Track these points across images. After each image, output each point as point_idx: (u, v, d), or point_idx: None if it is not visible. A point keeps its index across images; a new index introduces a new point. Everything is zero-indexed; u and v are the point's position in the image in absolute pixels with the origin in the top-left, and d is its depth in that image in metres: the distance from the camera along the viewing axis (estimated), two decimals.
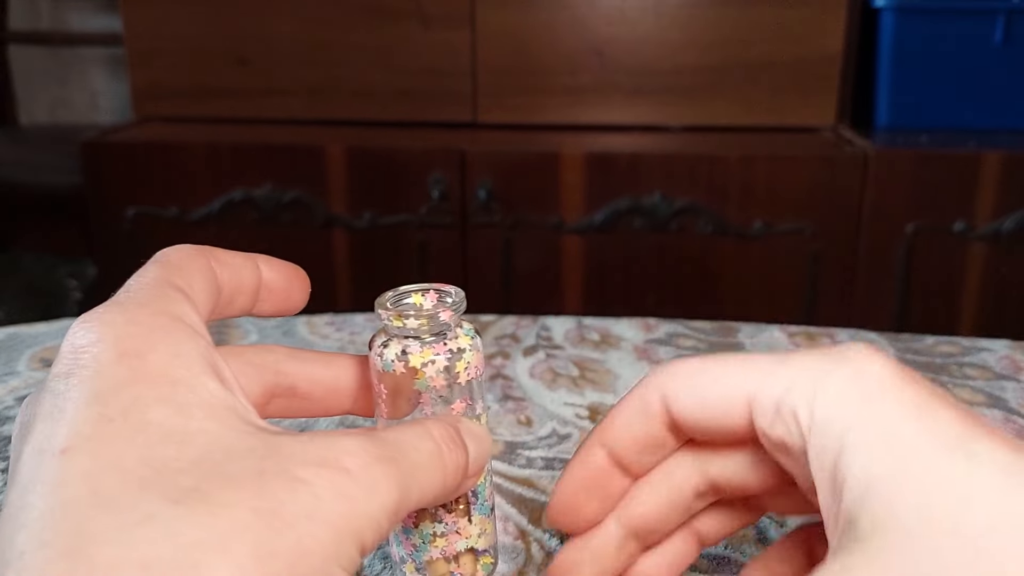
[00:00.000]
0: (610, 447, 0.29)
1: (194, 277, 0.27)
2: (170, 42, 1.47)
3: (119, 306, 0.24)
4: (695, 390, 0.26)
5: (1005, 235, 1.30)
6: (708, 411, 0.26)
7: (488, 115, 1.47)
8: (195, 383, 0.22)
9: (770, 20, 1.40)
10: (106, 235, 1.39)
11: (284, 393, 0.30)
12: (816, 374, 0.24)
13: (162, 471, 0.20)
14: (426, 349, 0.29)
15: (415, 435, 0.25)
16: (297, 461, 0.21)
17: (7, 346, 0.59)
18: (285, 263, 0.31)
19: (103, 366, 0.22)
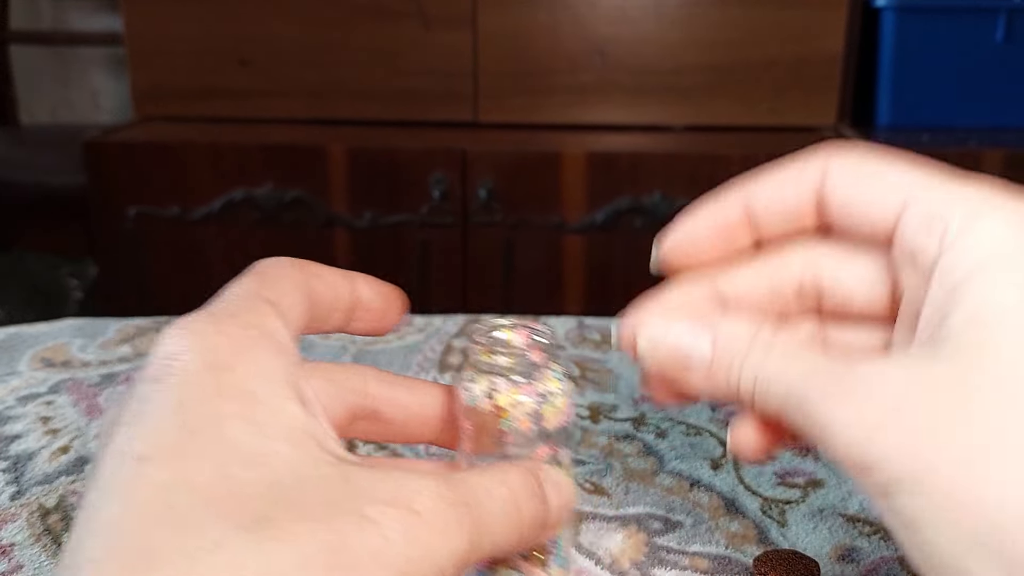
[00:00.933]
0: (751, 202, 0.28)
1: (288, 291, 0.26)
2: (171, 42, 1.47)
3: (211, 316, 0.24)
4: (858, 172, 0.26)
5: None
6: (862, 196, 0.26)
7: (489, 115, 1.47)
8: (276, 403, 0.22)
9: (771, 20, 1.40)
10: (107, 235, 1.39)
11: (367, 416, 0.29)
12: (983, 200, 0.23)
13: (235, 493, 0.20)
14: (514, 389, 0.28)
15: (492, 482, 0.24)
16: (368, 498, 0.21)
17: (8, 346, 0.59)
18: (383, 284, 0.30)
19: (189, 375, 0.22)
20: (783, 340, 0.25)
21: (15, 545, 0.39)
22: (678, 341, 0.27)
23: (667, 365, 0.27)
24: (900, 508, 0.21)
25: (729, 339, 0.26)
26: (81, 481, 0.44)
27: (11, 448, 0.47)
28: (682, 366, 0.27)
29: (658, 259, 0.30)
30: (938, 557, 0.21)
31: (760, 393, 0.25)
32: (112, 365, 0.57)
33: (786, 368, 0.24)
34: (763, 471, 0.45)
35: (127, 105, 1.92)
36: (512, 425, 0.28)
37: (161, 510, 0.19)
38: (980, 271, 0.22)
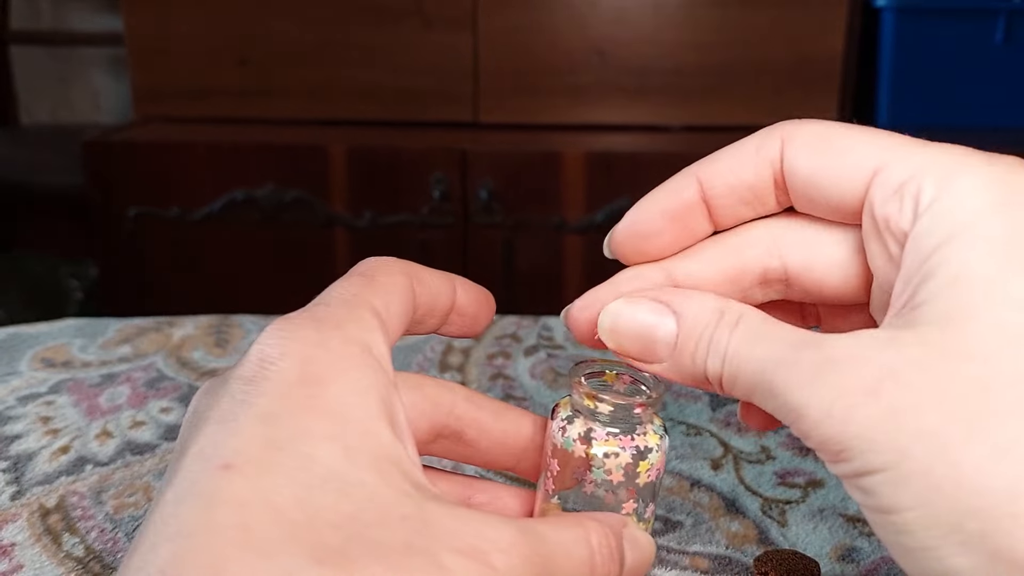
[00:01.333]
0: (706, 183, 0.26)
1: (393, 299, 0.26)
2: (171, 42, 1.47)
3: (315, 322, 0.23)
4: (819, 145, 0.24)
5: None
6: (826, 170, 0.24)
7: (489, 115, 1.47)
8: (367, 426, 0.22)
9: (771, 20, 1.40)
10: (107, 235, 1.39)
11: (451, 436, 0.28)
12: (957, 163, 0.22)
13: (314, 520, 0.19)
14: (612, 440, 0.27)
15: (571, 539, 0.24)
16: (446, 545, 0.21)
17: (9, 346, 0.59)
18: (478, 288, 0.30)
19: (284, 386, 0.21)
20: (750, 316, 0.24)
21: (15, 545, 0.39)
22: (642, 318, 0.25)
23: (630, 344, 0.26)
24: (875, 493, 0.21)
25: (696, 315, 0.24)
26: (81, 481, 0.44)
27: (11, 448, 0.47)
28: (646, 345, 0.25)
29: (610, 248, 0.28)
30: (914, 544, 0.20)
31: (728, 376, 0.24)
32: (112, 365, 0.57)
33: (753, 348, 0.23)
34: (763, 471, 0.45)
35: (127, 105, 1.93)
36: (603, 476, 0.27)
37: (237, 529, 0.19)
38: (956, 237, 0.21)
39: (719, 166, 0.26)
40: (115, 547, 0.40)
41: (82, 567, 0.38)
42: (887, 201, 0.23)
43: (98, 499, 0.43)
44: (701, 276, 0.26)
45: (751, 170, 0.25)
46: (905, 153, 0.23)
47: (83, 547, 0.39)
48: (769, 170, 0.25)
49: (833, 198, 0.24)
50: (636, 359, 0.26)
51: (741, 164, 0.25)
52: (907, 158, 0.23)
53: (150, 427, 0.50)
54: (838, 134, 0.25)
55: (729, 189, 0.26)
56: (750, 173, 0.25)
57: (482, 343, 0.61)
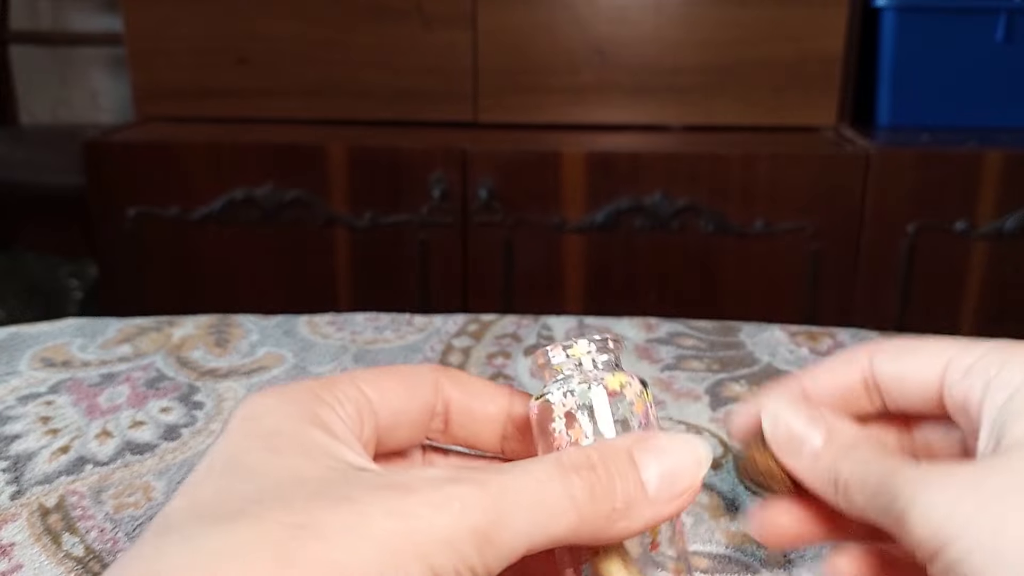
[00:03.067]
0: (808, 388, 0.32)
1: (384, 388, 0.28)
2: (171, 42, 1.47)
3: (272, 388, 0.27)
4: (900, 352, 0.31)
5: (1007, 234, 1.30)
6: (907, 368, 0.30)
7: (489, 115, 1.47)
8: (296, 431, 0.24)
9: (771, 19, 1.40)
10: (107, 235, 1.39)
11: (437, 415, 0.30)
12: (1012, 349, 0.28)
13: (226, 500, 0.22)
14: (619, 373, 0.28)
15: (526, 463, 0.24)
16: (361, 487, 0.22)
17: (8, 346, 0.59)
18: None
19: (228, 432, 0.25)
20: (881, 443, 0.30)
21: (15, 545, 0.39)
22: (796, 427, 0.29)
23: (781, 445, 0.30)
24: (963, 572, 0.23)
25: (839, 434, 0.29)
26: (81, 481, 0.44)
27: (11, 448, 0.47)
28: (793, 449, 0.29)
29: (730, 432, 0.34)
30: None
31: (856, 483, 0.27)
32: (112, 365, 0.57)
33: (883, 463, 0.27)
34: None
35: (127, 105, 1.93)
36: (629, 410, 0.27)
37: (159, 529, 0.22)
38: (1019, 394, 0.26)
39: (819, 375, 0.32)
40: (114, 547, 0.40)
41: (82, 567, 0.38)
42: (961, 381, 0.28)
43: (98, 499, 0.43)
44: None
45: (842, 379, 0.32)
46: (968, 347, 0.29)
47: (83, 547, 0.40)
48: (859, 377, 0.31)
49: (917, 391, 0.30)
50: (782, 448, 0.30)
51: (837, 374, 0.32)
52: (970, 349, 0.29)
53: (150, 427, 0.50)
54: (914, 343, 0.31)
55: (826, 394, 0.32)
56: (843, 381, 0.32)
57: (482, 342, 0.61)
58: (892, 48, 1.42)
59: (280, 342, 0.61)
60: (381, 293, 1.39)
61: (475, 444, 0.31)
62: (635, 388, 0.28)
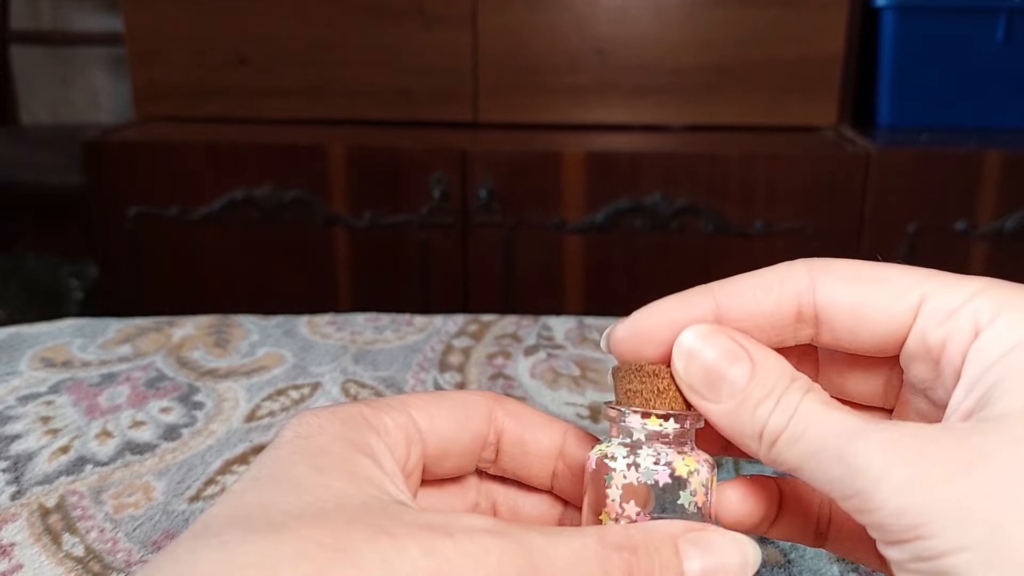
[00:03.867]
0: (724, 305, 0.26)
1: (432, 409, 0.27)
2: (171, 42, 1.47)
3: (324, 408, 0.26)
4: (857, 279, 0.25)
5: (1007, 234, 1.30)
6: (869, 302, 0.25)
7: (489, 115, 1.47)
8: (343, 454, 0.24)
9: (771, 20, 1.40)
10: (108, 235, 1.39)
11: (489, 445, 0.29)
12: (1006, 289, 0.24)
13: (267, 511, 0.21)
14: (688, 456, 0.26)
15: (570, 531, 0.23)
16: (400, 522, 0.21)
17: (9, 346, 0.59)
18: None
19: (276, 445, 0.25)
20: (820, 389, 0.24)
21: (15, 545, 0.39)
22: (715, 361, 0.25)
23: (695, 376, 0.25)
24: (958, 574, 0.20)
25: (771, 368, 0.25)
26: (81, 481, 0.44)
27: (11, 448, 0.47)
28: (712, 381, 0.25)
29: (607, 343, 0.28)
30: None
31: (790, 434, 0.23)
32: (112, 365, 0.57)
33: (827, 413, 0.23)
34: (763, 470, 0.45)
35: (127, 105, 1.93)
36: (689, 499, 0.26)
37: (198, 532, 0.22)
38: (1018, 350, 0.22)
39: (739, 291, 0.26)
40: (114, 547, 0.40)
41: (82, 567, 0.38)
42: (941, 324, 0.24)
43: (98, 499, 0.43)
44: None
45: (773, 299, 0.26)
46: (949, 283, 0.24)
47: (83, 547, 0.40)
48: (794, 302, 0.26)
49: (878, 328, 0.25)
50: (696, 393, 0.25)
51: (763, 292, 0.26)
52: (953, 288, 0.24)
53: (150, 427, 0.50)
54: (872, 269, 0.25)
55: (746, 314, 0.26)
56: (771, 302, 0.26)
57: (482, 342, 0.61)
58: (892, 48, 1.42)
59: (280, 342, 0.61)
60: (381, 293, 1.39)
61: (525, 478, 0.30)
62: (702, 477, 0.26)
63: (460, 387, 0.55)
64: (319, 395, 0.54)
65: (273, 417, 0.51)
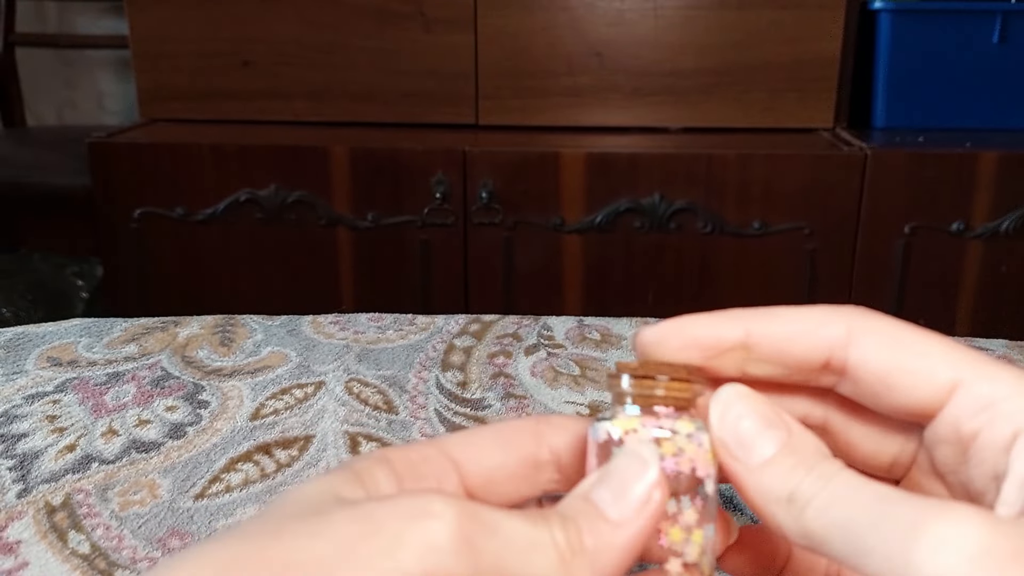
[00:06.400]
0: (754, 337, 0.26)
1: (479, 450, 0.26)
2: (175, 45, 1.48)
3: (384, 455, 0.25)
4: (894, 345, 0.25)
5: (1002, 235, 1.30)
6: (901, 371, 0.24)
7: (489, 117, 1.48)
8: (325, 494, 0.23)
9: (768, 22, 1.41)
10: (113, 235, 1.40)
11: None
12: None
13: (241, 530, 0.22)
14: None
15: (530, 536, 0.22)
16: (343, 505, 0.22)
17: (15, 345, 0.60)
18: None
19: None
20: (851, 470, 0.24)
21: (21, 542, 0.40)
22: (747, 429, 0.25)
23: (723, 442, 0.25)
24: None
25: (804, 443, 0.24)
26: (87, 479, 0.45)
27: (18, 446, 0.48)
28: (744, 442, 0.25)
29: (633, 344, 0.27)
30: None
31: (815, 510, 0.23)
32: (118, 364, 0.57)
33: (857, 490, 0.22)
34: None
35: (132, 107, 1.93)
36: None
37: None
38: None
39: (773, 328, 0.26)
40: (120, 544, 0.40)
41: (87, 564, 0.38)
42: (975, 416, 0.23)
43: (104, 497, 0.43)
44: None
45: (806, 344, 0.25)
46: (986, 372, 0.24)
47: (88, 544, 0.40)
48: (826, 353, 0.25)
49: (905, 400, 0.25)
50: (727, 449, 0.25)
51: (797, 336, 0.25)
52: (993, 376, 0.24)
53: (156, 425, 0.50)
54: (912, 337, 0.25)
55: (776, 353, 0.26)
56: (802, 348, 0.25)
57: (483, 342, 0.61)
58: (888, 50, 1.42)
59: (284, 342, 0.61)
60: (383, 293, 1.39)
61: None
62: (694, 445, 0.25)
63: (461, 386, 0.55)
64: (323, 394, 0.54)
65: (277, 415, 0.51)
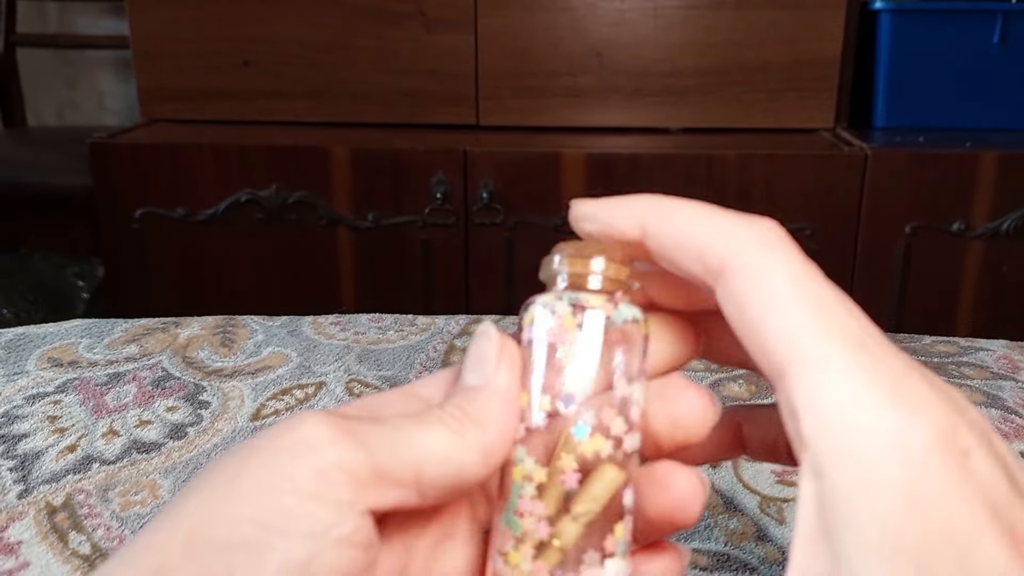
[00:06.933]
0: (647, 237, 0.26)
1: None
2: (176, 45, 1.48)
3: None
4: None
5: (1002, 235, 1.30)
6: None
7: (490, 117, 1.48)
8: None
9: (769, 22, 1.41)
10: (114, 235, 1.40)
11: None
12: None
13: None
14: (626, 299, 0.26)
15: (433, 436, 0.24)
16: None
17: (16, 346, 0.60)
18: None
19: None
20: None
21: (22, 543, 0.40)
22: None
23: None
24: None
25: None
26: (88, 479, 0.45)
27: (19, 447, 0.48)
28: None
29: (573, 214, 0.28)
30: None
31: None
32: (119, 365, 0.57)
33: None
34: (761, 469, 0.45)
35: (133, 107, 1.93)
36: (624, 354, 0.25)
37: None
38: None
39: (664, 230, 0.26)
40: (121, 544, 0.40)
41: (88, 565, 0.38)
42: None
43: (104, 497, 0.43)
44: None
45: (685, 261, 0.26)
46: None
47: (89, 545, 0.40)
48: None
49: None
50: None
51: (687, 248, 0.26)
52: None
53: (156, 426, 0.50)
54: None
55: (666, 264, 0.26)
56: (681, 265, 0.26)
57: None
58: (889, 50, 1.42)
59: (285, 342, 0.61)
60: (384, 293, 1.39)
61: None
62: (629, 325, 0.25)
63: None
64: (323, 394, 0.54)
65: (278, 416, 0.51)
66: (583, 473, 0.24)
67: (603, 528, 0.24)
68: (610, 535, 0.24)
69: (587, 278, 0.26)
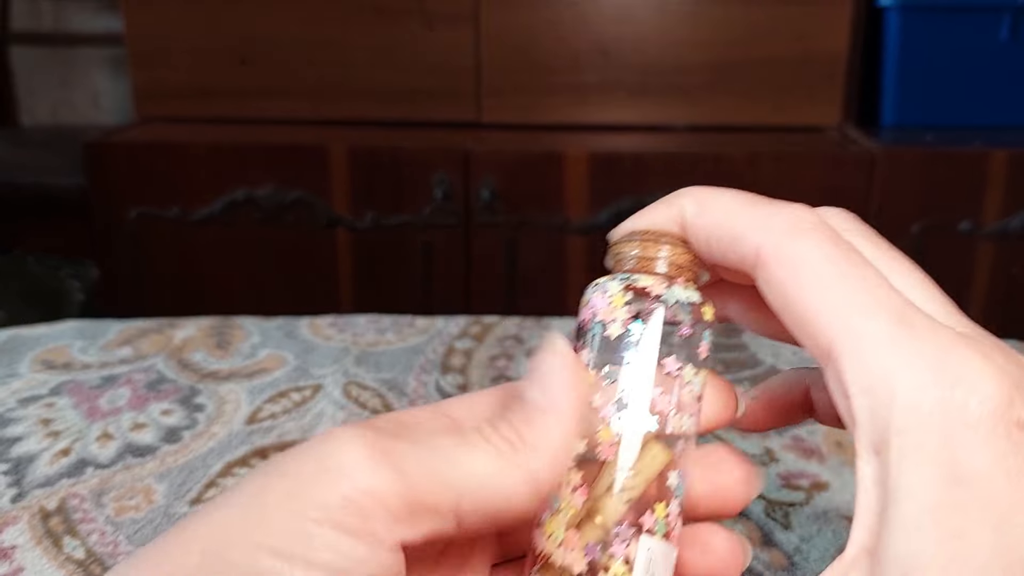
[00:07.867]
0: (688, 231, 0.27)
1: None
2: (171, 42, 1.47)
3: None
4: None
5: (1013, 234, 1.30)
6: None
7: (492, 115, 1.47)
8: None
9: (775, 19, 1.40)
10: (108, 236, 1.39)
11: None
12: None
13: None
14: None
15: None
16: None
17: (9, 348, 0.59)
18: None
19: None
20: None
21: (16, 547, 0.39)
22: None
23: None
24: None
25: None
26: (82, 483, 0.44)
27: (12, 450, 0.47)
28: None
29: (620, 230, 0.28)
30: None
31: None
32: (113, 367, 0.57)
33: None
34: (767, 474, 0.45)
35: (128, 106, 1.92)
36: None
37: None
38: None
39: (700, 222, 0.26)
40: (115, 550, 0.40)
41: (82, 570, 0.38)
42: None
43: (99, 501, 0.43)
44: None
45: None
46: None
47: (84, 549, 0.39)
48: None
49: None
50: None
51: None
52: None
53: (151, 429, 0.50)
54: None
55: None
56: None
57: (484, 344, 0.61)
58: (897, 47, 1.42)
59: (281, 344, 0.60)
60: (383, 294, 1.38)
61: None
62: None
63: (463, 389, 0.55)
64: (320, 397, 0.53)
65: (275, 419, 0.51)
66: (624, 449, 0.24)
67: (643, 505, 0.24)
68: (650, 512, 0.24)
69: (653, 262, 0.26)
